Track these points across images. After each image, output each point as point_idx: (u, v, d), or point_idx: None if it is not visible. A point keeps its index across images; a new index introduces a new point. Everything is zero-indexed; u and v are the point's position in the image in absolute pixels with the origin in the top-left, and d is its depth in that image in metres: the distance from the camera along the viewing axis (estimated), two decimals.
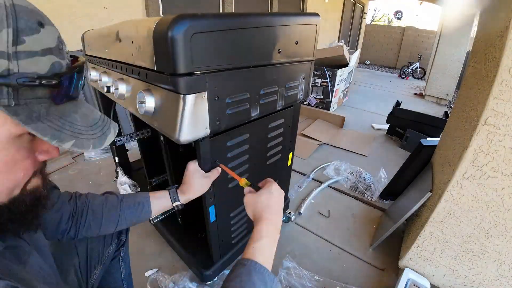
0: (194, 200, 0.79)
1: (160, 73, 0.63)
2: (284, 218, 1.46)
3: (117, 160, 1.62)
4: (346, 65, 3.46)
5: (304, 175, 1.97)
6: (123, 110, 2.09)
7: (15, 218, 0.37)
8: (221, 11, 3.37)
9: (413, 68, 7.25)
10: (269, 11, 4.32)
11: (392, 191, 1.63)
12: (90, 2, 2.12)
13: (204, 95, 0.65)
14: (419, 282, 1.09)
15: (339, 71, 3.20)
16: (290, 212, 1.48)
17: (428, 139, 1.44)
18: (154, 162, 1.41)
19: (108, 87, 0.93)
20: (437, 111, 3.84)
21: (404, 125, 2.61)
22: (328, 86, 3.27)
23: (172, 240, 1.23)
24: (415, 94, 5.12)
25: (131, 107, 0.82)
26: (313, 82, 3.32)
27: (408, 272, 1.12)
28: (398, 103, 2.93)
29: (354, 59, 3.69)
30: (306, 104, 3.47)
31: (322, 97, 3.38)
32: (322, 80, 3.28)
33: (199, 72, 0.62)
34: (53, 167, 1.89)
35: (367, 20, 9.69)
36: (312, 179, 1.93)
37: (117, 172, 1.62)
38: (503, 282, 0.98)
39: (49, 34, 0.32)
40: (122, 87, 0.83)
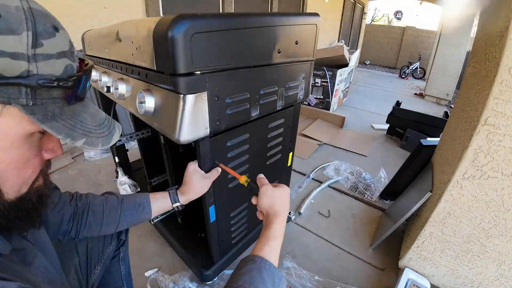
0: (194, 200, 0.79)
1: (160, 73, 0.63)
2: None
3: (117, 160, 1.62)
4: (346, 65, 3.46)
5: (304, 175, 1.97)
6: (123, 110, 2.09)
7: (22, 215, 0.38)
8: (221, 11, 3.38)
9: (413, 68, 7.25)
10: (269, 11, 4.32)
11: (392, 191, 1.63)
12: (90, 2, 2.13)
13: (204, 95, 0.65)
14: (419, 282, 1.09)
15: (339, 71, 3.20)
16: (290, 212, 1.48)
17: (428, 139, 1.44)
18: (154, 162, 1.41)
19: (108, 87, 0.94)
20: (437, 111, 3.84)
21: (404, 125, 2.61)
22: (328, 86, 3.27)
23: (172, 240, 1.23)
24: (415, 94, 5.12)
25: (131, 107, 0.82)
26: (313, 82, 3.32)
27: (408, 272, 1.12)
28: (398, 103, 2.93)
29: (354, 59, 3.69)
30: (306, 104, 3.47)
31: (322, 97, 3.38)
32: (322, 80, 3.28)
33: (199, 72, 0.62)
34: (53, 167, 1.89)
35: (367, 20, 9.70)
36: (312, 179, 1.93)
37: (117, 172, 1.62)
38: (503, 282, 0.98)
39: (63, 38, 0.34)
40: (122, 87, 0.83)
